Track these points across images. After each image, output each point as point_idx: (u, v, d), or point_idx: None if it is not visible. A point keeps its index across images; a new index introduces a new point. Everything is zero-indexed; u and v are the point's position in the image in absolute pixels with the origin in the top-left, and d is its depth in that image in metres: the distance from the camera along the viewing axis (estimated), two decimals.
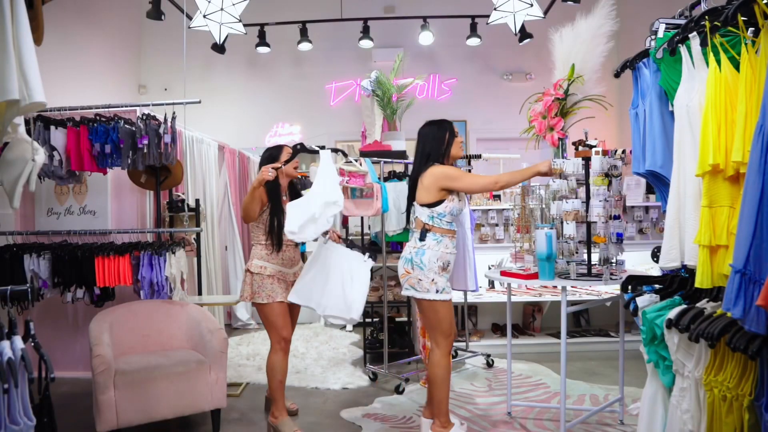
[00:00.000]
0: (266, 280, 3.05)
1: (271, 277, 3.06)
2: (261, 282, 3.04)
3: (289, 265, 3.15)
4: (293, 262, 3.17)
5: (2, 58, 1.89)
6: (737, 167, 1.60)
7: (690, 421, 1.75)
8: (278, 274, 3.08)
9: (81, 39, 5.80)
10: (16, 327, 1.84)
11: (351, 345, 5.07)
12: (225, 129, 6.60)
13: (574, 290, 4.77)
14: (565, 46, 3.56)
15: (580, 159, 3.03)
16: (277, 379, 3.09)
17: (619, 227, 2.96)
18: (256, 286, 3.05)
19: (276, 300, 3.04)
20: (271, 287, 3.05)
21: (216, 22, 4.51)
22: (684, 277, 2.10)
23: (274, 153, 3.16)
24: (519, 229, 3.45)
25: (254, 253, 3.10)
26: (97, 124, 3.47)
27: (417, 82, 5.88)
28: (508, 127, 4.68)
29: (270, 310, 3.05)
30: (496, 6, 4.49)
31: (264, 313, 3.07)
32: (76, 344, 4.11)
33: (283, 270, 3.11)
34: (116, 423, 2.79)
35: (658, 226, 4.99)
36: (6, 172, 2.61)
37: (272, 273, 3.06)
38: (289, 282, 3.12)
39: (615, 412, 3.26)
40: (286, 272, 3.12)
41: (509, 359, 3.38)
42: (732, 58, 1.71)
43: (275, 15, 6.46)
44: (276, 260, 3.08)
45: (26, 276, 3.43)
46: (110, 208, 4.15)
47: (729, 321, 1.61)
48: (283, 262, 3.11)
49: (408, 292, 2.85)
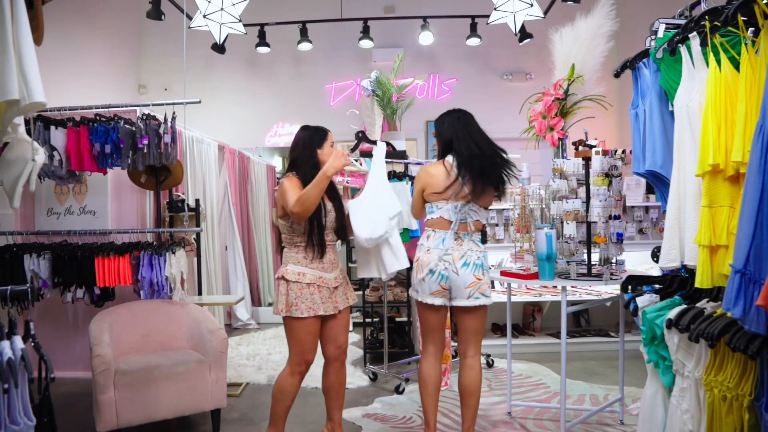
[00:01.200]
0: (305, 290, 2.59)
1: (311, 285, 2.60)
2: (299, 292, 2.58)
3: (330, 269, 2.68)
4: (334, 265, 2.71)
5: (2, 58, 1.89)
6: (737, 167, 1.60)
7: (690, 421, 1.75)
8: (319, 281, 2.62)
9: (81, 39, 5.80)
10: (16, 327, 1.84)
11: (351, 345, 5.06)
12: (225, 129, 6.60)
13: (574, 290, 4.77)
14: (565, 46, 3.56)
15: (580, 159, 3.03)
16: (285, 404, 2.70)
17: (619, 227, 2.96)
18: (293, 296, 2.58)
19: (318, 313, 2.59)
20: (311, 298, 2.58)
21: (216, 22, 4.51)
22: (684, 277, 2.10)
23: (316, 136, 2.71)
24: (519, 229, 3.45)
25: (288, 258, 2.65)
26: (97, 124, 3.47)
27: (417, 82, 5.88)
28: (508, 127, 4.66)
29: (303, 326, 2.59)
30: (496, 6, 4.49)
31: (295, 328, 2.60)
32: (76, 344, 4.11)
33: (324, 276, 2.65)
34: (116, 423, 2.78)
35: (658, 226, 4.99)
36: (6, 172, 2.61)
37: (312, 280, 2.60)
38: (331, 288, 2.67)
39: (615, 412, 3.26)
40: (327, 278, 2.66)
41: (509, 359, 3.38)
42: (732, 58, 1.71)
43: (275, 15, 6.46)
44: (316, 265, 2.63)
45: (26, 276, 3.43)
46: (110, 208, 4.15)
47: (729, 321, 1.61)
48: (323, 267, 2.65)
49: (480, 300, 2.58)
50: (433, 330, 2.70)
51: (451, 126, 2.67)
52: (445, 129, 2.69)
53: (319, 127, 2.78)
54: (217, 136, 5.78)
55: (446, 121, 2.71)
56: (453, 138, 2.65)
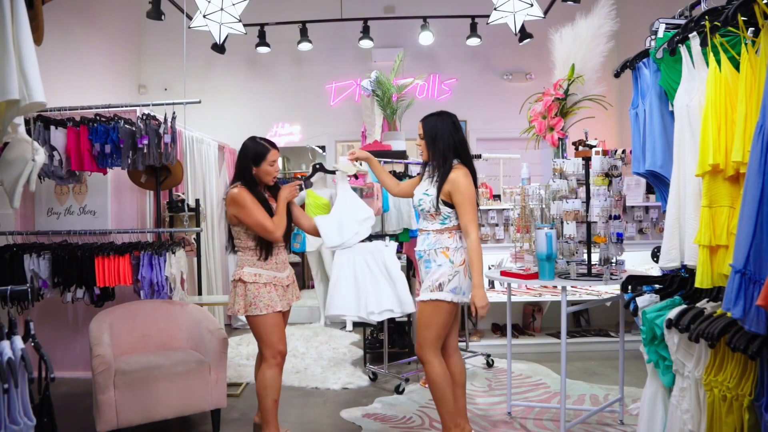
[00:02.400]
0: (263, 289, 2.78)
1: (267, 285, 2.80)
2: (257, 291, 2.76)
3: (282, 269, 2.89)
4: (285, 265, 2.92)
5: (2, 58, 1.89)
6: (737, 167, 1.60)
7: (690, 421, 1.75)
8: (273, 281, 2.83)
9: (81, 39, 5.79)
10: (16, 327, 1.84)
11: (351, 345, 5.07)
12: (225, 129, 6.60)
13: (574, 290, 4.77)
14: (565, 46, 3.56)
15: (580, 159, 3.03)
16: (271, 398, 2.81)
17: (619, 227, 2.96)
18: (251, 296, 2.76)
19: (276, 309, 2.79)
20: (269, 296, 2.79)
21: (216, 22, 4.51)
22: (684, 277, 2.10)
23: (257, 154, 2.82)
24: (519, 229, 3.45)
25: (242, 261, 2.82)
26: (97, 124, 3.47)
27: (417, 82, 5.88)
28: (508, 127, 4.67)
29: (266, 321, 2.78)
30: (496, 6, 4.49)
31: (259, 325, 2.79)
32: (76, 344, 4.11)
33: (278, 275, 2.85)
34: (116, 423, 2.78)
35: (658, 226, 4.99)
36: (6, 172, 2.62)
37: (268, 280, 2.80)
38: (284, 287, 2.88)
39: (615, 412, 3.26)
40: (280, 277, 2.86)
41: (509, 359, 3.38)
42: (732, 58, 1.71)
43: (275, 15, 6.46)
44: (269, 266, 2.83)
45: (26, 276, 3.43)
46: (110, 208, 4.15)
47: (729, 321, 1.61)
48: (276, 267, 2.85)
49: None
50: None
51: (451, 135, 2.70)
52: (444, 135, 2.69)
53: (262, 143, 2.85)
54: (217, 136, 5.79)
55: (442, 126, 2.71)
56: (455, 147, 2.69)
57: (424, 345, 2.66)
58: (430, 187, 2.70)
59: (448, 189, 2.63)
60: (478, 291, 2.55)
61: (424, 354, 2.67)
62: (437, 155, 2.69)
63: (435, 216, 2.69)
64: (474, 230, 2.61)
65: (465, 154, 2.72)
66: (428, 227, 2.72)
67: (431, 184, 2.70)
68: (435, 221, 2.70)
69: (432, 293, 2.62)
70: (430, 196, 2.68)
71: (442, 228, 2.69)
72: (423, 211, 2.72)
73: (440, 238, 2.67)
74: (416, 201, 2.76)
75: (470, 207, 2.63)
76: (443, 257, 2.65)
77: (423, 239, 2.74)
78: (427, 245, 2.69)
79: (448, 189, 2.63)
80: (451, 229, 2.69)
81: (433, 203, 2.66)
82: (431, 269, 2.67)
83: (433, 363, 2.67)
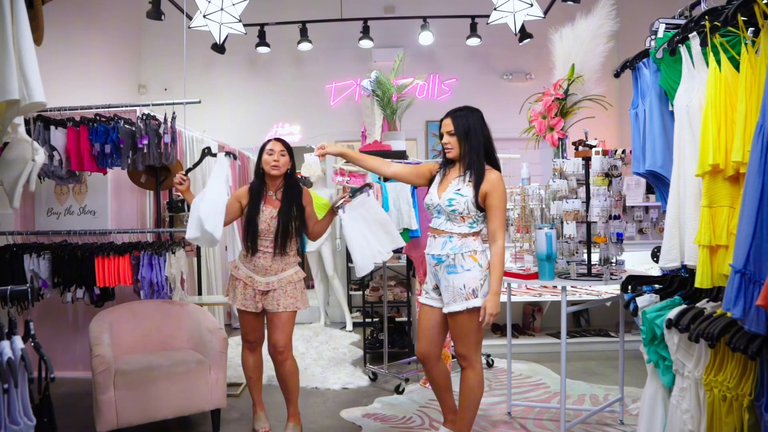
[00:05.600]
0: (235, 282, 2.96)
1: (239, 280, 2.93)
2: (231, 282, 2.99)
3: (263, 274, 2.90)
4: (267, 272, 2.89)
5: (2, 58, 1.90)
6: (737, 167, 1.60)
7: (690, 421, 1.75)
8: (247, 279, 2.91)
9: (81, 39, 5.79)
10: (16, 327, 1.84)
11: (351, 345, 5.07)
12: (225, 129, 6.60)
13: (574, 290, 4.77)
14: (565, 46, 3.56)
15: (580, 159, 3.03)
16: (250, 378, 3.10)
17: (619, 227, 2.96)
18: (228, 285, 3.02)
19: (234, 305, 2.97)
20: (235, 291, 2.95)
21: (216, 22, 4.51)
22: (684, 277, 2.10)
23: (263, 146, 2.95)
24: (519, 229, 3.45)
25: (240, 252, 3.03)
26: (97, 124, 3.47)
27: (417, 82, 5.87)
28: (508, 127, 4.66)
29: (238, 310, 3.00)
30: (496, 6, 4.49)
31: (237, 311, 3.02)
32: (76, 344, 4.10)
33: (255, 277, 2.90)
34: (116, 423, 2.78)
35: (658, 226, 4.99)
36: (6, 172, 2.62)
37: (241, 277, 2.92)
38: (258, 291, 2.89)
39: (615, 412, 3.26)
40: (258, 280, 2.89)
41: (509, 359, 3.38)
42: (732, 58, 1.71)
43: (275, 15, 6.45)
44: (248, 264, 2.91)
45: (26, 276, 3.43)
46: (110, 208, 4.15)
47: (729, 321, 1.61)
48: (255, 269, 2.90)
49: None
50: None
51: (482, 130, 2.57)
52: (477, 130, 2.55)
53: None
54: (217, 136, 5.78)
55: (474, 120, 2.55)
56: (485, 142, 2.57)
57: (471, 352, 2.57)
58: (464, 186, 2.52)
59: (486, 190, 2.49)
60: (495, 298, 2.48)
61: (472, 362, 2.58)
62: (471, 151, 2.52)
63: (465, 218, 2.53)
64: (502, 236, 2.52)
65: (492, 151, 2.59)
66: (452, 229, 2.54)
67: (464, 183, 2.53)
68: (463, 224, 2.53)
69: (468, 302, 2.49)
70: (466, 196, 2.50)
71: (469, 232, 2.53)
72: (454, 212, 2.52)
73: (466, 241, 2.52)
74: (444, 201, 2.54)
75: (503, 212, 2.53)
76: (471, 261, 2.51)
77: (443, 242, 2.55)
78: (451, 249, 2.52)
79: (485, 190, 2.49)
80: (477, 233, 2.56)
81: (468, 205, 2.50)
82: (457, 274, 2.51)
83: (480, 371, 2.62)
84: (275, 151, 2.87)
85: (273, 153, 2.86)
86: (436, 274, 2.61)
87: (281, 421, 3.17)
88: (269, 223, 2.86)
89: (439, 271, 2.58)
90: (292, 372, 2.99)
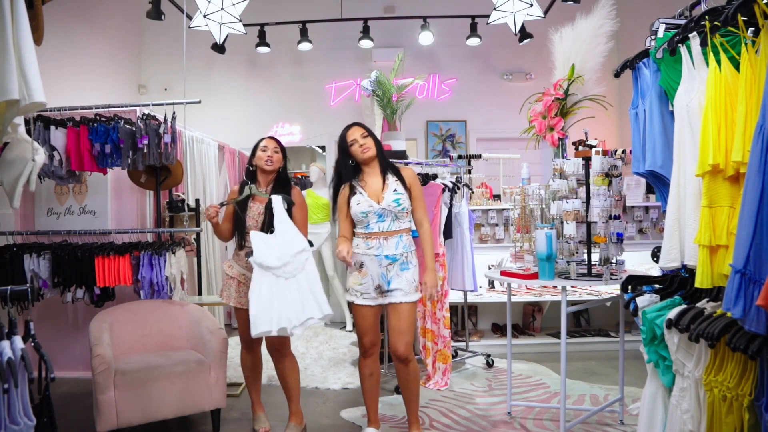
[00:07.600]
0: (229, 280, 2.99)
1: (233, 278, 2.98)
2: (225, 281, 3.02)
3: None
4: None
5: (2, 58, 1.89)
6: (737, 167, 1.60)
7: (690, 421, 1.75)
8: (241, 277, 2.96)
9: (81, 39, 5.79)
10: (16, 327, 1.84)
11: (351, 345, 5.07)
12: (225, 129, 6.60)
13: (574, 290, 4.77)
14: (565, 46, 3.56)
15: (580, 159, 3.03)
16: (248, 376, 3.14)
17: (619, 227, 2.96)
18: (222, 283, 3.05)
19: (229, 303, 2.99)
20: (229, 289, 2.99)
21: (216, 22, 4.51)
22: (684, 277, 2.10)
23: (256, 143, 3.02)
24: (519, 229, 3.45)
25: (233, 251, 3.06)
26: (97, 124, 3.47)
27: (417, 82, 5.87)
28: (508, 127, 4.67)
29: (235, 309, 3.00)
30: (496, 6, 4.49)
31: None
32: (76, 344, 4.10)
33: (247, 274, 2.91)
34: (116, 423, 2.78)
35: (658, 226, 4.99)
36: (6, 172, 2.61)
37: (234, 275, 2.97)
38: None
39: (615, 412, 3.26)
40: (249, 277, 2.87)
41: (509, 359, 3.38)
42: (732, 58, 1.71)
43: (275, 15, 6.46)
44: (241, 262, 2.96)
45: (26, 276, 3.43)
46: (110, 208, 4.15)
47: (729, 321, 1.61)
48: (247, 266, 2.90)
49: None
50: None
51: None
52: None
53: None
54: (217, 136, 5.78)
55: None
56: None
57: (411, 343, 2.76)
58: (397, 185, 2.73)
59: (409, 182, 2.76)
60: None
61: (411, 353, 2.77)
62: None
63: (407, 214, 2.75)
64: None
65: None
66: (401, 227, 2.73)
67: (393, 182, 2.74)
68: (405, 220, 2.75)
69: (417, 293, 2.76)
70: (404, 193, 2.73)
71: (408, 227, 2.77)
72: (403, 210, 2.71)
73: (408, 238, 2.77)
74: (389, 203, 2.67)
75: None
76: (414, 257, 2.78)
77: (396, 242, 2.70)
78: (404, 248, 2.73)
79: (409, 183, 2.76)
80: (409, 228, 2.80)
81: (407, 200, 2.73)
82: (409, 270, 2.74)
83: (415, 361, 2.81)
84: (269, 148, 2.97)
85: (267, 149, 2.97)
86: (385, 273, 2.71)
87: (282, 421, 3.17)
88: (257, 219, 2.90)
89: (391, 269, 2.72)
90: (291, 368, 3.01)
